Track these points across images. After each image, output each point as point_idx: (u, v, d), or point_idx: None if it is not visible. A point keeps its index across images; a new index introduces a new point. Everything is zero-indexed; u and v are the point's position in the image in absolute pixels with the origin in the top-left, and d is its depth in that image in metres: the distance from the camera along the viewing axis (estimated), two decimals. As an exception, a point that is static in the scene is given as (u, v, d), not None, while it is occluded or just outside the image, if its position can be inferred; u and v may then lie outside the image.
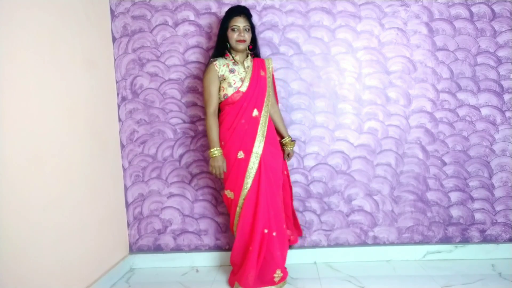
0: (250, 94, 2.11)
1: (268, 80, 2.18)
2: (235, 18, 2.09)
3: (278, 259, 2.09)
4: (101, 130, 2.28)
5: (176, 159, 2.52)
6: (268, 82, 2.18)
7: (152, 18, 2.46)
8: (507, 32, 2.42)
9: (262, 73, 2.17)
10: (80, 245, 1.99)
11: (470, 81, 2.46)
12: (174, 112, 2.50)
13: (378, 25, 2.45)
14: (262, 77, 2.16)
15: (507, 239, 2.52)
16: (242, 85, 2.11)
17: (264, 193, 2.07)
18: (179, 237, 2.57)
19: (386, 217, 2.53)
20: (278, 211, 2.13)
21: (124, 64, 2.49)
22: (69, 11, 1.98)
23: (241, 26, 2.08)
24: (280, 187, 2.19)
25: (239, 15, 2.09)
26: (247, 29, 2.11)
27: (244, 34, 2.09)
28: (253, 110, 2.10)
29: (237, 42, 2.10)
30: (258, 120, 2.10)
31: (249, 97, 2.10)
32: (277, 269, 2.09)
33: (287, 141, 2.29)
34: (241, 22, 2.08)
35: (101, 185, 2.25)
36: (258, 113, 2.11)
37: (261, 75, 2.16)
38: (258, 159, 2.07)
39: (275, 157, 2.16)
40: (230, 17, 2.10)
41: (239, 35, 2.08)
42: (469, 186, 2.50)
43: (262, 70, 2.18)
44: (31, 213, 1.64)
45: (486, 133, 2.47)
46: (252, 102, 2.10)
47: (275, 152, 2.17)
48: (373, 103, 2.49)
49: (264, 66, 2.20)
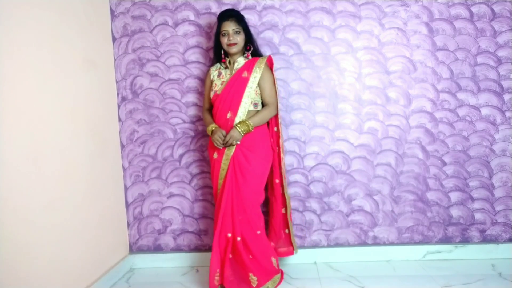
0: (224, 96, 2.12)
1: (251, 81, 2.10)
2: (224, 23, 2.11)
3: (248, 263, 2.05)
4: (101, 130, 2.28)
5: (176, 159, 2.53)
6: (251, 83, 2.10)
7: (152, 18, 2.46)
8: (507, 32, 2.42)
9: (245, 74, 2.12)
10: (80, 245, 2.00)
11: (470, 81, 2.46)
12: (174, 112, 2.50)
13: (378, 25, 2.45)
14: (242, 79, 2.11)
15: (507, 239, 2.52)
16: (219, 88, 2.16)
17: (229, 196, 2.06)
18: (179, 237, 2.57)
19: (386, 217, 2.53)
20: (250, 216, 2.08)
21: (124, 64, 2.49)
22: (69, 11, 1.98)
23: (230, 30, 2.09)
24: (258, 192, 2.13)
25: (227, 19, 2.11)
26: (237, 32, 2.10)
27: (234, 37, 2.09)
28: (227, 112, 2.10)
29: (228, 46, 2.12)
30: (232, 122, 2.08)
31: (223, 99, 2.12)
32: (249, 272, 2.05)
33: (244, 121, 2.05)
34: (230, 26, 2.09)
35: (101, 185, 2.25)
36: (231, 115, 2.09)
37: (243, 77, 2.12)
38: (228, 161, 2.07)
39: (250, 161, 2.07)
40: (219, 23, 2.13)
41: (229, 39, 2.10)
42: (469, 186, 2.50)
43: (247, 70, 2.13)
44: (31, 213, 1.64)
45: (486, 133, 2.47)
46: (226, 105, 2.11)
47: (252, 156, 2.08)
48: (373, 103, 2.49)
49: (251, 66, 2.13)
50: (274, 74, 2.24)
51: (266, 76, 2.16)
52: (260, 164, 2.12)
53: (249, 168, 2.07)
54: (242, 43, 2.14)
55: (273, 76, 2.21)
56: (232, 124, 2.07)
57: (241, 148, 2.08)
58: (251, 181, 2.08)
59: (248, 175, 2.07)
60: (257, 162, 2.10)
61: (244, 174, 2.07)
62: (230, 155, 2.07)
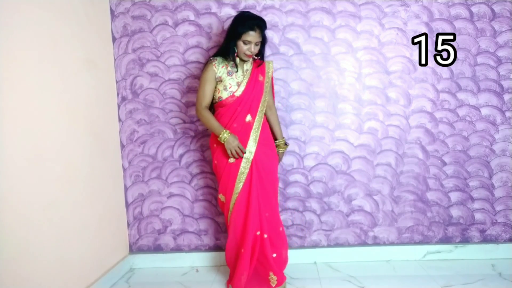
0: (245, 99, 2.08)
1: (266, 85, 2.15)
2: (249, 33, 1.97)
3: (271, 262, 2.08)
4: (101, 130, 2.28)
5: (176, 159, 2.52)
6: (266, 87, 2.15)
7: (152, 18, 2.46)
8: (507, 32, 2.42)
9: (261, 78, 2.14)
10: (80, 245, 2.00)
11: (470, 81, 2.46)
12: (174, 112, 2.50)
13: (378, 25, 2.45)
14: (259, 82, 2.13)
15: (507, 239, 2.52)
16: (237, 89, 2.09)
17: (256, 195, 2.07)
18: (179, 237, 2.57)
19: (386, 217, 2.53)
20: (273, 212, 2.13)
21: (124, 64, 2.49)
22: (69, 11, 1.98)
23: (253, 42, 1.99)
24: (276, 188, 2.19)
25: (254, 29, 1.98)
26: (258, 44, 2.03)
27: (256, 48, 2.03)
28: (246, 115, 2.08)
29: (245, 55, 2.05)
30: (251, 125, 2.08)
31: (243, 102, 2.07)
32: (270, 271, 2.08)
33: (280, 143, 2.28)
34: (255, 38, 1.99)
35: (101, 185, 2.25)
36: (251, 118, 2.08)
37: (259, 80, 2.13)
38: (249, 164, 2.06)
39: (270, 158, 2.13)
40: (244, 29, 1.97)
41: (249, 50, 2.01)
42: (469, 186, 2.50)
43: (261, 74, 2.15)
44: (31, 213, 1.64)
45: (486, 133, 2.47)
46: (246, 107, 2.08)
47: (270, 153, 2.15)
48: (373, 103, 2.49)
49: (264, 70, 2.16)
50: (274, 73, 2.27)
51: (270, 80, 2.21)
52: (275, 159, 2.19)
53: (269, 165, 2.13)
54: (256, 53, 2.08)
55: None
56: (252, 127, 2.08)
57: (261, 147, 2.09)
58: (273, 176, 2.15)
59: (269, 171, 2.12)
60: (274, 158, 2.18)
61: (266, 170, 2.11)
62: (251, 158, 2.06)
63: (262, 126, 2.13)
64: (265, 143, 2.13)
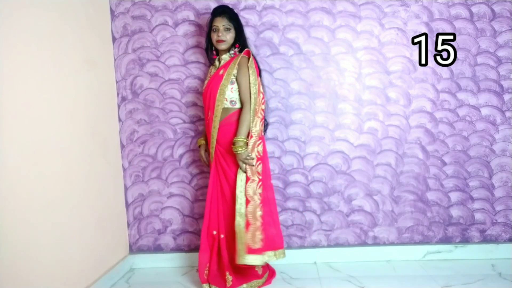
0: (205, 95, 2.17)
1: (225, 78, 2.06)
2: (215, 19, 2.10)
3: (226, 262, 2.11)
4: (101, 130, 2.28)
5: (176, 159, 2.53)
6: (225, 80, 2.06)
7: (152, 18, 2.46)
8: (507, 32, 2.42)
9: (222, 71, 2.10)
10: (80, 245, 2.00)
11: (470, 81, 2.46)
12: (174, 112, 2.50)
13: (378, 25, 2.45)
14: (218, 76, 2.10)
15: (507, 239, 2.52)
16: (204, 85, 2.21)
17: (214, 196, 2.13)
18: (179, 237, 2.57)
19: (386, 217, 2.53)
20: (229, 214, 2.10)
21: (124, 64, 2.49)
22: (69, 11, 1.98)
23: (220, 26, 2.08)
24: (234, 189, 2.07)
25: (219, 15, 2.10)
26: (227, 29, 2.09)
27: (223, 34, 2.08)
28: (208, 111, 2.15)
29: (217, 43, 2.11)
30: (211, 120, 2.12)
31: (205, 98, 2.17)
32: (226, 271, 2.11)
33: (237, 140, 1.99)
34: (221, 22, 2.08)
35: (101, 185, 2.25)
36: (211, 114, 2.12)
37: (219, 74, 2.10)
38: (213, 160, 2.14)
39: (227, 161, 2.10)
40: (211, 18, 2.13)
41: (218, 35, 2.08)
42: (469, 186, 2.50)
43: (224, 68, 2.11)
44: (31, 213, 1.64)
45: (486, 133, 2.47)
46: (206, 104, 2.16)
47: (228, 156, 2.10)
48: (373, 103, 2.49)
49: (229, 63, 2.10)
50: (274, 73, 2.24)
51: (242, 72, 2.06)
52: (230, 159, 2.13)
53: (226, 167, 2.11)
54: (231, 40, 2.12)
55: (256, 72, 2.08)
56: (212, 123, 2.11)
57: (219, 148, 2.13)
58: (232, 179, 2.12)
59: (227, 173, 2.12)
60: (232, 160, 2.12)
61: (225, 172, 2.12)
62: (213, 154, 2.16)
63: (224, 125, 2.09)
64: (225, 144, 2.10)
